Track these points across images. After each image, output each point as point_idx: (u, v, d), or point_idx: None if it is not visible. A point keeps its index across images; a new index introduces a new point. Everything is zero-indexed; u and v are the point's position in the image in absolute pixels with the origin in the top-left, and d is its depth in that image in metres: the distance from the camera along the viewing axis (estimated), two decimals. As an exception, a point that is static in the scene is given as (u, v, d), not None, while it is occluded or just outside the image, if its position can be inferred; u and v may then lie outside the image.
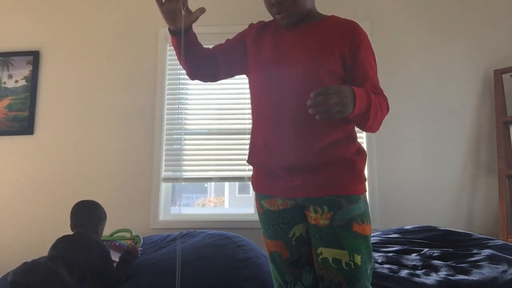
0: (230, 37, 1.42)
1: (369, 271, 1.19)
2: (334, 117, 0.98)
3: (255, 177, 1.30)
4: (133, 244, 2.01)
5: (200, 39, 1.35)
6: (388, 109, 1.25)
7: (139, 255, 1.96)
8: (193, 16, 1.25)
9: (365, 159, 1.28)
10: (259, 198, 1.28)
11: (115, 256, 1.92)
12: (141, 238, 2.08)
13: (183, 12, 1.23)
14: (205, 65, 1.32)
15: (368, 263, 1.18)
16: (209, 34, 2.86)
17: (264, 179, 1.26)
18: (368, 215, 1.21)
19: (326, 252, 1.17)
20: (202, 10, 1.25)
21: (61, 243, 1.78)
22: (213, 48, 1.36)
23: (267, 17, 1.31)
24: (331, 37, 1.23)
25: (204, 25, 2.94)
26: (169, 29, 1.29)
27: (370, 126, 1.21)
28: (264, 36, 1.30)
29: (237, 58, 1.34)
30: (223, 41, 1.41)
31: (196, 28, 1.34)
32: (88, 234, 1.85)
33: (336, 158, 1.19)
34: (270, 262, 1.28)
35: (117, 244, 1.97)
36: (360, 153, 1.27)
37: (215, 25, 2.79)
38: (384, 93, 1.26)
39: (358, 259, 1.16)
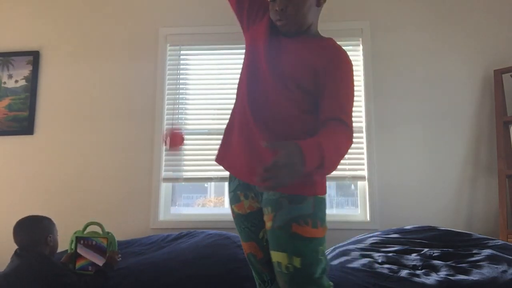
0: (235, 37, 1.43)
1: (318, 275, 1.13)
2: (283, 186, 0.91)
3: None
4: (112, 251, 1.91)
5: (204, 38, 1.38)
6: (349, 141, 1.18)
7: (119, 260, 1.90)
8: None
9: None
10: (230, 203, 1.31)
11: (90, 256, 1.91)
12: (115, 237, 1.97)
13: None
14: None
15: (314, 267, 1.12)
16: (214, 34, 2.87)
17: (227, 152, 1.30)
18: (320, 218, 1.16)
19: (274, 255, 1.15)
20: None
21: (11, 261, 1.79)
22: None
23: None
24: (314, 56, 1.21)
25: (210, 25, 2.94)
26: None
27: (328, 171, 1.10)
28: (265, 25, 1.28)
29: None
30: (227, 41, 1.44)
31: (200, 28, 1.34)
32: (31, 251, 1.78)
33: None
34: (248, 263, 1.32)
35: (93, 243, 1.93)
36: None
37: (220, 25, 2.79)
38: (350, 120, 1.24)
39: (297, 261, 1.10)
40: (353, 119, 3.04)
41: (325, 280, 1.17)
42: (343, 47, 1.32)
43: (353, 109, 2.79)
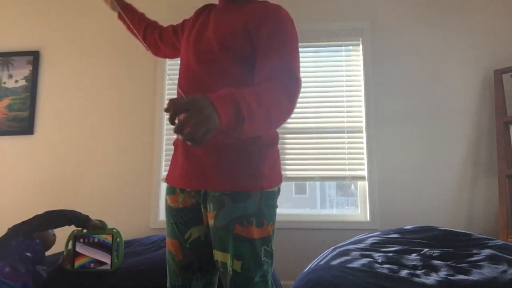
0: None
1: (257, 279, 1.05)
2: (204, 140, 0.76)
3: (170, 167, 1.25)
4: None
5: None
6: (289, 95, 0.96)
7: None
8: None
9: (271, 153, 1.11)
10: (166, 193, 1.22)
11: (92, 253, 1.87)
12: (120, 233, 1.94)
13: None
14: (148, 29, 1.44)
15: (254, 271, 1.04)
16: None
17: (172, 170, 1.21)
18: (266, 215, 1.07)
19: (217, 255, 1.08)
20: None
21: None
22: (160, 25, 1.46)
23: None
24: (245, 17, 1.09)
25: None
26: (118, 15, 1.42)
27: (261, 127, 0.89)
28: (200, 17, 1.26)
29: (173, 38, 1.38)
30: None
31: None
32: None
33: (235, 149, 1.06)
34: (166, 260, 1.21)
35: (95, 240, 1.90)
36: (266, 146, 1.09)
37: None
38: (294, 76, 0.99)
39: (237, 265, 1.03)
40: (353, 119, 3.03)
41: (264, 285, 1.07)
42: (343, 47, 1.29)
43: (352, 108, 2.80)
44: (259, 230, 1.05)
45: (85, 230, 1.91)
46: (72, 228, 1.91)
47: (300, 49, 1.28)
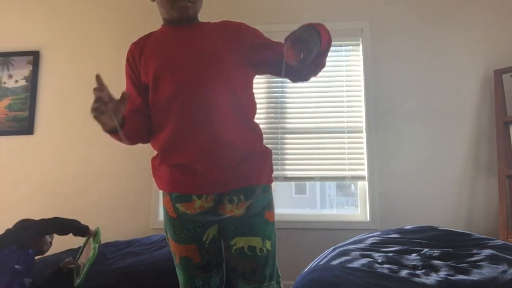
0: None
1: (276, 254, 1.29)
2: (310, 55, 1.00)
3: (169, 177, 1.22)
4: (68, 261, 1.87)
5: None
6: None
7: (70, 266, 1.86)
8: (125, 101, 1.17)
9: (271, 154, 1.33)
10: (173, 201, 1.21)
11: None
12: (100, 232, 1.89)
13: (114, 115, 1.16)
14: (143, 131, 1.28)
15: (275, 247, 1.28)
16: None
17: (181, 178, 1.19)
18: (273, 203, 1.29)
19: (241, 242, 1.21)
20: (124, 95, 1.17)
21: None
22: (133, 112, 1.26)
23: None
24: (227, 34, 1.25)
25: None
26: (110, 131, 1.19)
27: (322, 64, 1.24)
28: (150, 43, 1.28)
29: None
30: None
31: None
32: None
33: (253, 150, 1.23)
34: (178, 267, 1.25)
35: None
36: (266, 147, 1.30)
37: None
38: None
39: (269, 244, 1.23)
40: (353, 119, 3.04)
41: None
42: (343, 47, 1.34)
43: (352, 108, 2.81)
44: (273, 215, 1.27)
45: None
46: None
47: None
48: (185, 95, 1.17)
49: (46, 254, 1.93)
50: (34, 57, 3.00)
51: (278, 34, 1.39)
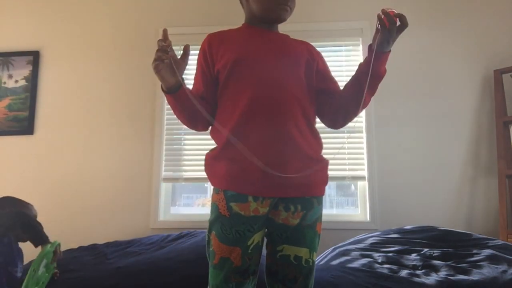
0: None
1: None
2: (395, 32, 1.27)
3: (226, 173, 1.18)
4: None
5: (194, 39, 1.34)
6: None
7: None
8: (187, 58, 1.16)
9: None
10: (227, 199, 1.17)
11: None
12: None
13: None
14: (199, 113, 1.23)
15: (316, 257, 1.27)
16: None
17: (239, 174, 1.16)
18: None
19: (289, 250, 1.21)
20: (187, 48, 1.16)
21: None
22: (196, 93, 1.27)
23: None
24: (307, 52, 1.35)
25: (210, 25, 2.94)
26: (166, 91, 1.17)
27: (376, 89, 1.27)
28: (233, 36, 1.30)
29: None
30: None
31: (200, 28, 1.34)
32: None
33: (314, 157, 1.25)
34: (216, 267, 1.19)
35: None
36: (324, 157, 1.33)
37: (220, 25, 2.79)
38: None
39: (315, 256, 1.24)
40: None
41: None
42: (343, 47, 1.37)
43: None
44: (321, 226, 1.28)
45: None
46: (74, 226, 1.88)
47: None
48: (260, 90, 1.19)
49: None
50: (34, 57, 3.00)
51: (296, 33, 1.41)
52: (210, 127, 1.30)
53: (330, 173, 1.30)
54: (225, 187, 1.19)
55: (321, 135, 1.37)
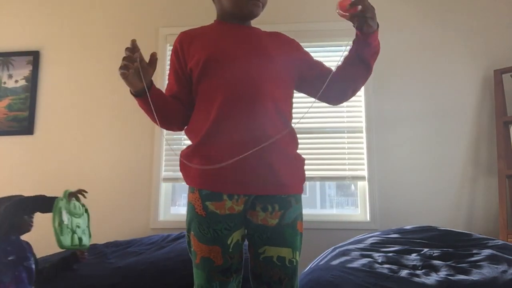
0: None
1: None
2: (367, 24, 1.19)
3: (201, 172, 1.18)
4: (80, 251, 1.89)
5: None
6: None
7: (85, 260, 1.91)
8: (154, 64, 1.19)
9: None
10: (202, 198, 1.17)
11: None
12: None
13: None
14: (174, 113, 1.28)
15: (299, 257, 1.27)
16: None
17: (214, 174, 1.16)
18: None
19: (271, 251, 1.20)
20: (154, 55, 1.19)
21: None
22: (170, 97, 1.30)
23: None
24: (280, 42, 1.34)
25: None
26: (135, 93, 1.21)
27: (371, 71, 1.34)
28: (203, 34, 1.30)
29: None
30: None
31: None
32: None
33: (289, 153, 1.24)
34: (198, 267, 1.20)
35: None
36: (299, 154, 1.30)
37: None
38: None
39: (297, 255, 1.24)
40: (353, 119, 3.05)
41: None
42: (343, 47, 1.37)
43: (352, 108, 2.83)
44: (302, 225, 1.28)
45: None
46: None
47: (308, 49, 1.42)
48: (233, 87, 1.18)
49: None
50: (34, 57, 3.00)
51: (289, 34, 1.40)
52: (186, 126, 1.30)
53: (330, 173, 1.30)
54: (199, 186, 1.19)
55: (321, 135, 1.37)
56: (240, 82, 1.18)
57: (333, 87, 1.28)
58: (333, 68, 1.31)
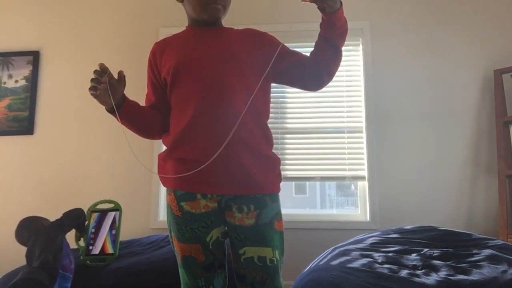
0: None
1: (282, 263, 1.28)
2: (327, 4, 1.14)
3: (174, 173, 1.20)
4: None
5: None
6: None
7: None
8: (123, 81, 1.20)
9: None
10: (178, 199, 1.21)
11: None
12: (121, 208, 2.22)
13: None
14: (151, 122, 1.30)
15: (283, 256, 1.27)
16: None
17: (188, 176, 1.17)
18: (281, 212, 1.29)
19: (251, 251, 1.21)
20: (121, 73, 1.21)
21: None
22: (148, 107, 1.33)
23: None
24: (250, 39, 1.32)
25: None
26: (110, 110, 1.22)
27: (340, 52, 1.28)
28: (174, 42, 1.32)
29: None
30: None
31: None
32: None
33: (263, 154, 1.23)
34: (181, 266, 1.24)
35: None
36: (275, 154, 1.30)
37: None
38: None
39: (277, 254, 1.23)
40: (353, 119, 3.06)
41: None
42: (343, 47, 1.35)
43: (352, 108, 2.82)
44: (282, 224, 1.27)
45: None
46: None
47: (300, 49, 1.39)
48: (202, 92, 1.20)
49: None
50: (34, 57, 3.00)
51: (276, 34, 1.38)
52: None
53: (330, 173, 1.30)
54: (174, 187, 1.22)
55: (321, 135, 1.37)
56: (206, 85, 1.20)
57: (308, 73, 1.30)
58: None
